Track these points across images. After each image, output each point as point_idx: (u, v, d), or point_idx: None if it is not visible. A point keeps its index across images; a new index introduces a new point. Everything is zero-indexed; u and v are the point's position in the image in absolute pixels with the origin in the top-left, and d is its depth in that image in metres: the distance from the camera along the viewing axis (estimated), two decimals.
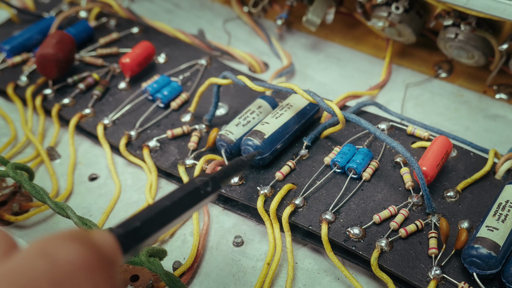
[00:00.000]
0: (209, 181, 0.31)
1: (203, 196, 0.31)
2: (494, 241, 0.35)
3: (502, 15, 0.43)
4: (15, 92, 0.51)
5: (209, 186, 0.31)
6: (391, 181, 0.41)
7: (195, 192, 0.30)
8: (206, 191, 0.31)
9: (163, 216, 0.28)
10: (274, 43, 0.56)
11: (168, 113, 0.48)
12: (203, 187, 0.31)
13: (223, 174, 0.33)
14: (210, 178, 0.31)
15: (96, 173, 0.46)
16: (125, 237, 0.25)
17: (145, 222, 0.27)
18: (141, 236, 0.26)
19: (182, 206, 0.29)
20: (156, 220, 0.27)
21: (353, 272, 0.39)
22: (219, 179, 0.32)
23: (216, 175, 0.32)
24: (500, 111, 0.49)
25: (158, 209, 0.28)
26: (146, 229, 0.27)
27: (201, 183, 0.31)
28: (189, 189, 0.30)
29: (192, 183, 0.31)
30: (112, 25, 0.57)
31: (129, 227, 0.26)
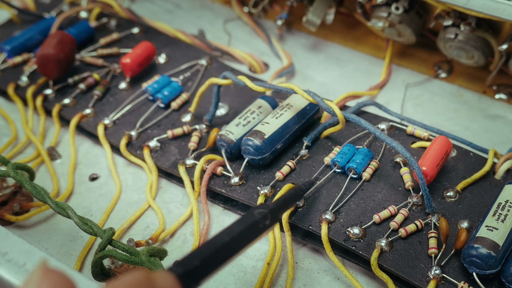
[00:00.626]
0: (268, 214, 0.30)
1: (261, 230, 0.30)
2: (494, 241, 0.35)
3: (502, 16, 0.43)
4: (16, 92, 0.51)
5: (267, 219, 0.30)
6: (391, 181, 0.42)
7: (254, 226, 0.29)
8: (265, 225, 0.30)
9: (222, 253, 0.27)
10: (274, 43, 0.56)
11: (168, 113, 0.49)
12: (262, 221, 0.30)
13: (282, 205, 0.32)
14: (270, 210, 0.30)
15: (96, 173, 0.47)
16: (185, 277, 0.25)
17: (204, 260, 0.26)
18: (200, 275, 0.26)
19: (241, 241, 0.28)
20: (215, 258, 0.27)
21: (353, 272, 0.39)
22: (277, 211, 0.31)
23: (274, 207, 0.31)
24: (500, 111, 0.49)
25: (217, 246, 0.27)
26: (205, 267, 0.26)
27: (260, 216, 0.30)
28: (248, 223, 0.29)
29: (251, 216, 0.29)
30: (113, 25, 0.57)
31: (189, 267, 0.25)
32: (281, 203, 0.33)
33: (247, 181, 0.42)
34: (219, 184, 0.43)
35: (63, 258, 0.41)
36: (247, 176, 0.43)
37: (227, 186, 0.42)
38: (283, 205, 0.33)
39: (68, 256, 0.41)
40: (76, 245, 0.41)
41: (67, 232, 0.42)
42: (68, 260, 0.40)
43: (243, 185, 0.42)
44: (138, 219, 0.43)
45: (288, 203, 0.34)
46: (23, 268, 0.30)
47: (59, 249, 0.41)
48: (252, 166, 0.43)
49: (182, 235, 0.42)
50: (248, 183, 0.42)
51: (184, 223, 0.43)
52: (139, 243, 0.40)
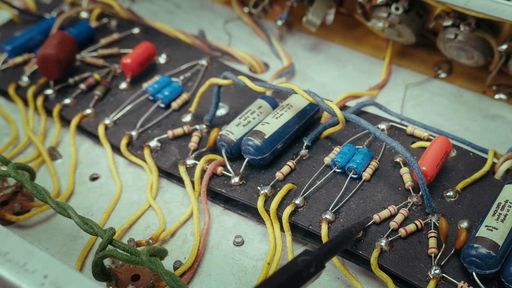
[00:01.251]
0: (312, 261, 0.28)
1: (306, 279, 0.28)
2: (494, 240, 0.35)
3: (502, 16, 0.43)
4: (17, 92, 0.52)
5: (312, 267, 0.28)
6: (391, 181, 0.42)
7: (296, 275, 0.28)
8: (309, 273, 0.28)
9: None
10: (274, 43, 0.57)
11: (169, 113, 0.49)
12: (306, 269, 0.28)
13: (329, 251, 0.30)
14: (314, 257, 0.29)
15: (97, 173, 0.47)
16: None
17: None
18: None
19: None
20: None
21: (353, 272, 0.39)
22: (323, 257, 0.29)
23: (320, 253, 0.29)
24: (500, 111, 0.49)
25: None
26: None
27: (304, 263, 0.28)
28: (290, 272, 0.28)
29: (294, 265, 0.28)
30: (113, 25, 0.58)
31: None
32: (328, 249, 0.30)
33: (247, 181, 0.42)
34: (220, 184, 0.43)
35: (63, 258, 0.41)
36: (247, 176, 0.43)
37: (227, 186, 0.42)
38: (331, 251, 0.30)
39: (69, 256, 0.41)
40: (76, 245, 0.41)
41: (68, 232, 0.42)
42: (68, 260, 0.41)
43: (243, 185, 0.42)
44: (139, 219, 0.43)
45: (337, 247, 0.31)
46: (23, 268, 0.30)
47: (59, 249, 0.41)
48: (252, 166, 0.43)
49: (182, 235, 0.42)
50: (249, 183, 0.42)
51: (185, 223, 0.43)
52: (140, 243, 0.40)
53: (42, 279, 0.29)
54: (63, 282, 0.29)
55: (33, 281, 0.29)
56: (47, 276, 0.29)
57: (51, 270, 0.29)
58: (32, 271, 0.30)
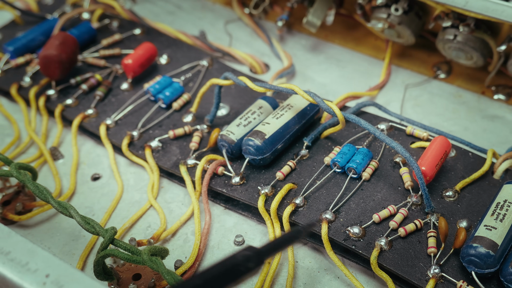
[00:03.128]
0: (252, 257, 0.29)
1: (243, 273, 0.28)
2: (493, 240, 0.35)
3: (501, 17, 0.43)
4: (19, 92, 0.52)
5: (251, 262, 0.28)
6: (391, 180, 0.42)
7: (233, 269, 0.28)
8: (247, 267, 0.28)
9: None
10: (274, 44, 0.57)
11: (170, 114, 0.49)
12: (244, 264, 0.28)
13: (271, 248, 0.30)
14: (255, 253, 0.29)
15: (98, 173, 0.47)
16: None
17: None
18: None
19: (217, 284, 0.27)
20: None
21: (353, 271, 0.39)
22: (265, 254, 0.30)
23: (263, 250, 0.30)
24: (499, 111, 0.50)
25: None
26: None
27: (243, 258, 0.28)
28: (227, 266, 0.28)
29: (233, 258, 0.28)
30: (115, 26, 0.58)
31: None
32: (271, 247, 0.31)
33: (248, 181, 0.43)
34: (220, 184, 0.43)
35: (65, 257, 0.41)
36: (248, 176, 0.43)
37: (228, 186, 0.43)
38: (272, 249, 0.31)
39: (71, 255, 0.41)
40: (78, 244, 0.42)
41: (70, 231, 0.43)
42: (70, 259, 0.41)
43: (244, 185, 0.42)
44: (140, 218, 0.43)
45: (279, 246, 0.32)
46: (25, 267, 0.30)
47: (61, 248, 0.42)
48: (253, 166, 0.44)
49: (183, 234, 0.42)
50: (249, 183, 0.43)
51: (186, 223, 0.43)
52: (141, 243, 0.40)
53: (44, 278, 0.29)
54: (65, 281, 0.29)
55: (35, 280, 0.29)
56: (49, 275, 0.29)
57: (53, 270, 0.29)
58: (34, 270, 0.30)
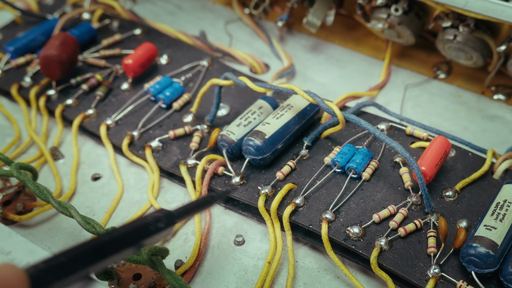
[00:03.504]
0: (162, 217, 0.31)
1: (153, 232, 0.30)
2: (492, 240, 0.35)
3: (500, 17, 0.43)
4: (19, 93, 0.52)
5: (161, 222, 0.30)
6: (391, 180, 0.42)
7: (143, 228, 0.30)
8: (158, 227, 0.30)
9: (98, 253, 0.27)
10: (275, 44, 0.57)
11: (170, 114, 0.49)
12: (154, 223, 0.30)
13: (182, 211, 0.33)
14: (165, 214, 0.31)
15: (99, 173, 0.47)
16: (45, 272, 0.25)
17: (73, 258, 0.26)
18: (66, 272, 0.26)
19: (125, 242, 0.29)
20: (88, 256, 0.27)
21: (353, 271, 0.39)
22: (175, 216, 0.32)
23: (174, 212, 0.32)
24: (498, 111, 0.50)
25: (93, 245, 0.27)
26: (73, 265, 0.26)
27: (153, 219, 0.30)
28: (137, 224, 0.30)
29: (143, 219, 0.30)
30: (115, 26, 0.58)
31: (53, 262, 0.26)
32: (182, 210, 0.33)
33: (248, 181, 0.43)
34: (220, 184, 0.43)
35: None
36: (248, 176, 0.43)
37: (228, 186, 0.43)
38: (184, 212, 0.33)
39: None
40: None
41: (70, 231, 0.43)
42: None
43: (244, 185, 0.43)
44: None
45: (191, 210, 0.34)
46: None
47: (62, 248, 0.41)
48: (253, 166, 0.44)
49: (183, 234, 0.42)
50: (249, 183, 0.43)
51: (186, 223, 0.43)
52: None
53: None
54: None
55: None
56: None
57: None
58: None
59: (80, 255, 0.27)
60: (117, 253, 0.28)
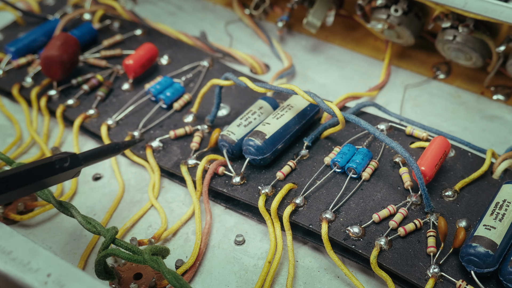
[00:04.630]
0: (67, 158, 0.34)
1: (59, 170, 0.33)
2: (492, 239, 0.35)
3: (500, 18, 0.43)
4: (20, 93, 0.52)
5: (66, 162, 0.34)
6: (390, 180, 0.42)
7: (49, 165, 0.33)
8: (63, 166, 0.33)
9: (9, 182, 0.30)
10: (275, 45, 0.57)
11: (170, 114, 0.49)
12: (60, 162, 0.33)
13: (87, 154, 0.36)
14: (70, 155, 0.34)
15: (100, 173, 0.47)
16: None
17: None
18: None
19: (33, 175, 0.32)
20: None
21: (353, 270, 0.40)
22: (81, 158, 0.35)
23: (78, 154, 0.35)
24: (498, 112, 0.50)
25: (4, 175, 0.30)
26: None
27: (58, 159, 0.33)
28: (43, 162, 0.32)
29: (49, 158, 0.33)
30: (116, 27, 0.58)
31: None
32: (88, 153, 0.36)
33: (248, 180, 0.43)
34: (221, 183, 0.43)
35: (67, 257, 0.41)
36: (248, 176, 0.43)
37: (228, 186, 0.43)
38: (89, 154, 0.36)
39: (72, 254, 0.41)
40: (79, 244, 0.42)
41: (71, 231, 0.43)
42: (71, 258, 0.41)
43: (244, 185, 0.43)
44: (141, 218, 0.44)
45: (97, 154, 0.37)
46: (27, 267, 0.30)
47: (63, 248, 0.42)
48: (253, 166, 0.44)
49: (184, 234, 0.42)
50: (250, 182, 0.43)
51: (186, 222, 0.43)
52: (142, 242, 0.41)
53: (45, 278, 0.29)
54: (66, 281, 0.29)
55: (37, 280, 0.29)
56: (51, 274, 0.29)
57: (54, 269, 0.30)
58: (35, 269, 0.30)
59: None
60: (24, 185, 0.31)
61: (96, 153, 0.37)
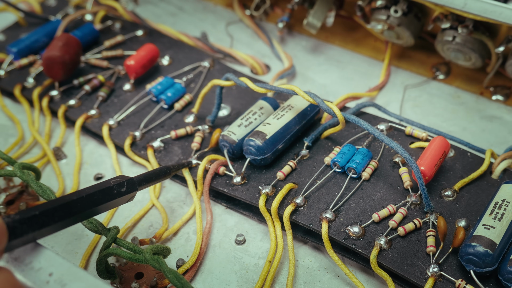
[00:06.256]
0: (124, 183, 0.33)
1: (117, 195, 0.33)
2: (491, 239, 0.35)
3: (499, 18, 0.43)
4: (22, 93, 0.52)
5: (123, 187, 0.33)
6: (390, 180, 0.42)
7: (107, 190, 0.33)
8: (120, 191, 0.33)
9: (66, 209, 0.30)
10: (275, 45, 0.57)
11: (171, 114, 0.49)
12: (117, 187, 0.33)
13: (142, 178, 0.36)
14: (126, 180, 0.34)
15: (101, 173, 0.47)
16: (20, 223, 0.28)
17: (45, 212, 0.29)
18: (38, 224, 0.29)
19: (91, 201, 0.32)
20: (58, 212, 0.30)
21: (353, 270, 0.40)
22: (136, 182, 0.34)
23: (134, 178, 0.34)
24: (497, 112, 0.50)
25: (62, 202, 0.30)
26: (45, 218, 0.29)
27: (115, 183, 0.33)
28: (100, 187, 0.32)
29: (106, 183, 0.33)
30: (117, 28, 0.58)
31: (27, 215, 0.28)
32: (143, 177, 0.36)
33: (249, 180, 0.43)
34: (222, 183, 0.43)
35: (68, 256, 0.41)
36: (249, 175, 0.43)
37: (229, 186, 0.43)
38: (144, 179, 0.36)
39: (74, 254, 0.41)
40: (81, 243, 0.42)
41: (73, 230, 0.43)
42: (73, 258, 0.41)
43: (245, 185, 0.43)
44: (142, 218, 0.44)
45: (152, 178, 0.37)
46: (29, 266, 0.30)
47: (64, 247, 0.42)
48: (253, 166, 0.44)
49: (185, 233, 0.43)
50: (250, 182, 0.43)
51: (187, 222, 0.43)
52: (143, 242, 0.41)
53: (47, 277, 0.30)
54: (68, 280, 0.29)
55: (39, 279, 0.30)
56: (52, 274, 0.30)
57: (56, 268, 0.30)
58: (37, 269, 0.30)
59: (51, 209, 0.29)
60: (83, 211, 0.31)
61: (149, 177, 0.37)
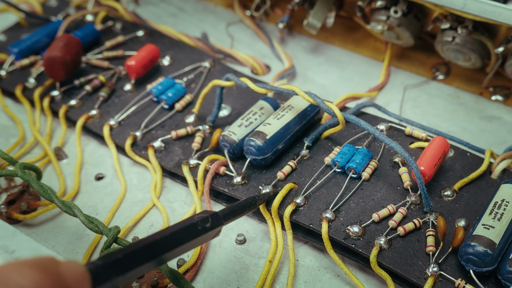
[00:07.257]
0: (208, 218, 0.32)
1: (201, 232, 0.31)
2: (490, 239, 0.36)
3: (498, 19, 0.44)
4: (24, 93, 0.52)
5: (208, 223, 0.32)
6: (390, 180, 0.42)
7: (191, 227, 0.31)
8: (205, 227, 0.31)
9: (151, 250, 0.28)
10: (275, 46, 0.57)
11: (172, 114, 0.49)
12: (202, 223, 0.31)
13: (227, 212, 0.34)
14: (210, 215, 0.32)
15: (102, 173, 0.47)
16: (103, 268, 0.26)
17: (128, 255, 0.27)
18: (122, 268, 0.27)
19: (176, 240, 0.30)
20: (141, 253, 0.28)
21: (353, 269, 0.40)
22: (221, 217, 0.33)
23: (219, 213, 0.33)
24: (496, 112, 0.50)
25: (145, 243, 0.28)
26: (129, 261, 0.27)
27: (199, 219, 0.31)
28: (184, 225, 0.31)
29: (191, 219, 0.31)
30: (118, 28, 0.58)
31: (110, 259, 0.26)
32: (227, 211, 0.34)
33: (249, 180, 0.43)
34: (222, 183, 0.43)
35: (69, 256, 0.41)
36: (249, 175, 0.44)
37: (229, 186, 0.43)
38: (229, 213, 0.34)
39: (75, 254, 0.42)
40: (82, 243, 0.42)
41: (74, 230, 0.43)
42: (74, 257, 0.41)
43: (245, 185, 0.43)
44: (143, 217, 0.44)
45: (236, 211, 0.35)
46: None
47: (65, 247, 0.42)
48: (254, 166, 0.44)
49: None
50: (250, 182, 0.43)
51: None
52: None
53: None
54: None
55: None
56: None
57: None
58: None
59: (135, 252, 0.28)
60: (168, 251, 0.29)
61: (234, 210, 0.35)
